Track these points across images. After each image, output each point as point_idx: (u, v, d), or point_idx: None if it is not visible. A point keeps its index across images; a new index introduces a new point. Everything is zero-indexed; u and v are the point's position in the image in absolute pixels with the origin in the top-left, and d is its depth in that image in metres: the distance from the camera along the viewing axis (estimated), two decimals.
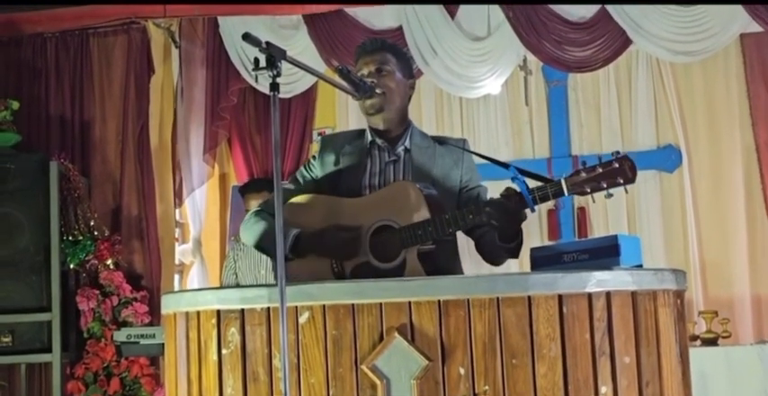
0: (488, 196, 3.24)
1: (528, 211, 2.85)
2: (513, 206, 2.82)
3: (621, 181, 2.72)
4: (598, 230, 6.22)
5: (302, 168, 3.34)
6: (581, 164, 2.76)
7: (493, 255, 3.15)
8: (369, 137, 3.28)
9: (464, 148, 3.27)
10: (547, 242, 6.14)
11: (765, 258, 6.00)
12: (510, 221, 2.88)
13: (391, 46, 3.36)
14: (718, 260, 6.08)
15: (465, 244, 3.29)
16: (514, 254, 3.04)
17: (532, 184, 2.84)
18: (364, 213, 3.06)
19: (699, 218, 6.12)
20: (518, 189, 2.82)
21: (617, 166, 2.72)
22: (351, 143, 3.30)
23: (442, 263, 3.05)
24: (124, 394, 6.01)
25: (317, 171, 3.29)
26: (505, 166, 2.89)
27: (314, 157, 3.33)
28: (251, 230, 3.22)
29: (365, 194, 3.17)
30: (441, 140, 3.31)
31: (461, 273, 3.22)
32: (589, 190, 2.74)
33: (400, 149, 3.25)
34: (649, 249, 6.05)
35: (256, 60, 2.69)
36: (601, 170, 2.73)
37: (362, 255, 3.02)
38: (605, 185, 2.72)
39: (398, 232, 2.96)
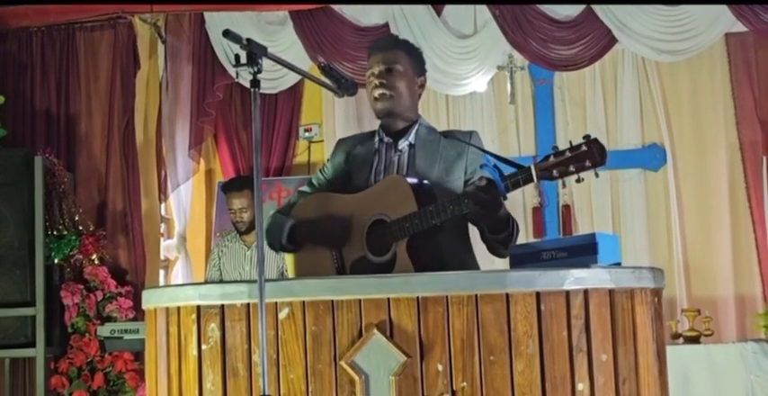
0: None
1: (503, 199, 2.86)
2: (488, 194, 2.82)
3: (590, 164, 2.67)
4: (583, 228, 6.23)
5: (318, 171, 3.41)
6: (552, 148, 2.75)
7: (491, 246, 3.15)
8: (378, 136, 3.30)
9: (465, 141, 3.24)
10: (532, 240, 6.16)
11: (749, 257, 6.03)
12: (486, 209, 2.88)
13: (404, 42, 3.37)
14: (701, 258, 6.10)
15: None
16: (507, 246, 3.05)
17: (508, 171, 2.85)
18: (358, 209, 3.09)
19: (683, 216, 6.14)
20: (491, 176, 2.83)
21: (585, 149, 2.67)
22: (363, 143, 3.33)
23: (452, 259, 3.07)
24: (108, 389, 6.02)
25: (329, 173, 3.35)
26: (482, 150, 2.91)
27: (329, 159, 3.39)
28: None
29: None
30: (446, 134, 3.31)
31: (473, 265, 3.23)
32: (557, 174, 2.70)
33: (404, 145, 3.26)
34: (633, 247, 6.08)
35: (237, 57, 2.70)
36: (569, 154, 2.69)
37: (360, 249, 3.05)
38: (573, 169, 2.68)
39: (389, 226, 2.99)
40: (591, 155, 2.67)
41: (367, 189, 3.17)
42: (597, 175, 2.73)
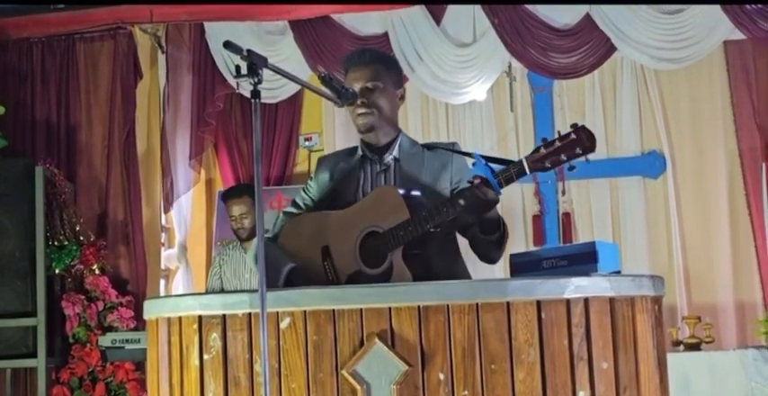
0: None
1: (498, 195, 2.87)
2: (482, 192, 2.84)
3: (580, 151, 2.71)
4: (583, 236, 6.23)
5: (301, 191, 3.37)
6: (541, 140, 2.77)
7: (483, 250, 3.15)
8: (360, 152, 3.29)
9: (447, 148, 3.27)
10: (532, 248, 6.16)
11: (749, 264, 6.02)
12: (482, 207, 2.90)
13: (381, 57, 3.35)
14: (701, 266, 6.10)
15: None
16: (500, 246, 3.06)
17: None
18: (351, 223, 3.08)
19: (683, 224, 6.14)
20: (483, 175, 2.84)
21: (574, 137, 2.71)
22: (345, 160, 3.32)
23: (440, 266, 3.07)
24: None
25: (314, 191, 3.32)
26: (469, 155, 2.92)
27: (311, 178, 3.36)
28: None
29: None
30: (430, 146, 3.32)
31: (465, 274, 3.22)
32: (549, 165, 2.74)
33: (389, 159, 3.26)
34: (633, 255, 6.09)
35: (237, 68, 2.71)
36: (559, 143, 2.73)
37: (354, 264, 3.05)
38: (565, 158, 2.72)
39: (383, 236, 2.99)
40: (580, 141, 2.71)
41: (356, 203, 3.17)
42: (588, 161, 2.74)
